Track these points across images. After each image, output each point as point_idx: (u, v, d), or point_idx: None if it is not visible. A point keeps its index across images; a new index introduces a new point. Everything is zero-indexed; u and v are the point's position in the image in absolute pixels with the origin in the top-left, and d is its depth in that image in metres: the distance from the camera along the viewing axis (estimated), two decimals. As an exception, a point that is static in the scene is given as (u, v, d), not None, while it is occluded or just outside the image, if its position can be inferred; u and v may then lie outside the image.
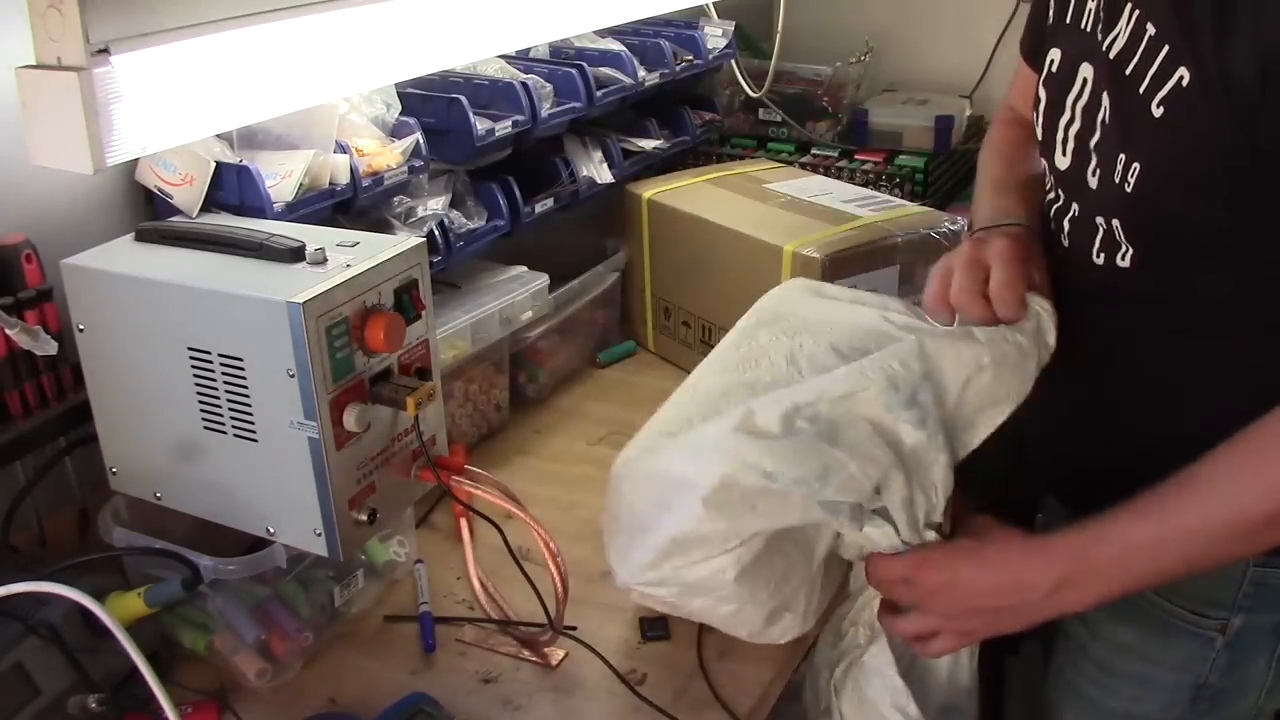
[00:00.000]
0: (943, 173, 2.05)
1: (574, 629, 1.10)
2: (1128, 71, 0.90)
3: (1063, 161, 1.01)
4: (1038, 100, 1.06)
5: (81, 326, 1.03)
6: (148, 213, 1.19)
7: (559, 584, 1.03)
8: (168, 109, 0.90)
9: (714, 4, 1.96)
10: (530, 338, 1.51)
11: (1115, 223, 0.95)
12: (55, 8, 0.80)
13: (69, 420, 1.10)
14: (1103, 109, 0.94)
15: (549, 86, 1.52)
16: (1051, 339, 0.98)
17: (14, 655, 0.91)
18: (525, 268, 1.52)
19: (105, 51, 0.82)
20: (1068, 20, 1.01)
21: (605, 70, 1.65)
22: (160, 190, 1.15)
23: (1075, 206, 1.01)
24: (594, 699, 1.04)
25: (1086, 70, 0.97)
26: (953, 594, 0.95)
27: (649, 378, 1.65)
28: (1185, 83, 0.84)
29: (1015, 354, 0.96)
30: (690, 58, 1.81)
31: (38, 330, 1.03)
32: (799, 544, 0.97)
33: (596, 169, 1.65)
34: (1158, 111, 0.87)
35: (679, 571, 0.94)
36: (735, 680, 1.05)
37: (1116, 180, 0.92)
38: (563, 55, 1.68)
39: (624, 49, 1.69)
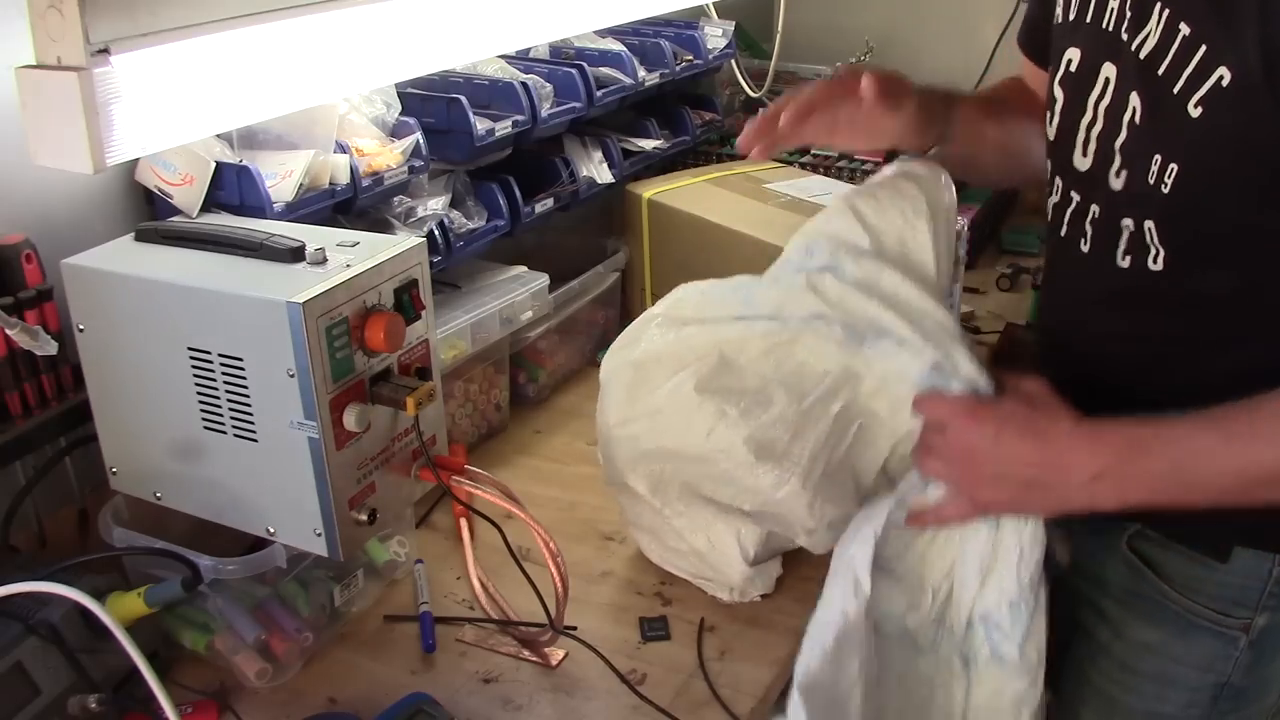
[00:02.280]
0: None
1: (574, 629, 1.10)
2: (1160, 72, 0.89)
3: (1083, 162, 1.00)
4: (1053, 100, 1.05)
5: (81, 326, 1.03)
6: (148, 213, 1.19)
7: (559, 584, 1.03)
8: (168, 109, 0.90)
9: (714, 4, 1.96)
10: (530, 338, 1.51)
11: (1148, 225, 0.94)
12: (55, 8, 0.80)
13: (69, 420, 1.09)
14: (1130, 109, 0.93)
15: (549, 86, 1.52)
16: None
17: (14, 655, 0.91)
18: (525, 268, 1.52)
19: (105, 51, 0.82)
20: (1087, 19, 1.00)
21: (605, 70, 1.65)
22: (160, 190, 1.15)
23: (1095, 208, 1.00)
24: (594, 699, 1.04)
25: (1109, 70, 0.96)
26: (988, 456, 0.94)
27: (649, 378, 1.65)
28: (1225, 82, 0.84)
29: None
30: (690, 58, 1.81)
31: (38, 330, 1.03)
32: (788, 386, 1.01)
33: (596, 169, 1.65)
34: (1195, 111, 0.86)
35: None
36: (735, 680, 1.05)
37: (1151, 181, 0.91)
38: (563, 55, 1.68)
39: (624, 49, 1.69)
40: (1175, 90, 0.88)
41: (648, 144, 1.75)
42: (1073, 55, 1.02)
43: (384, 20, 1.09)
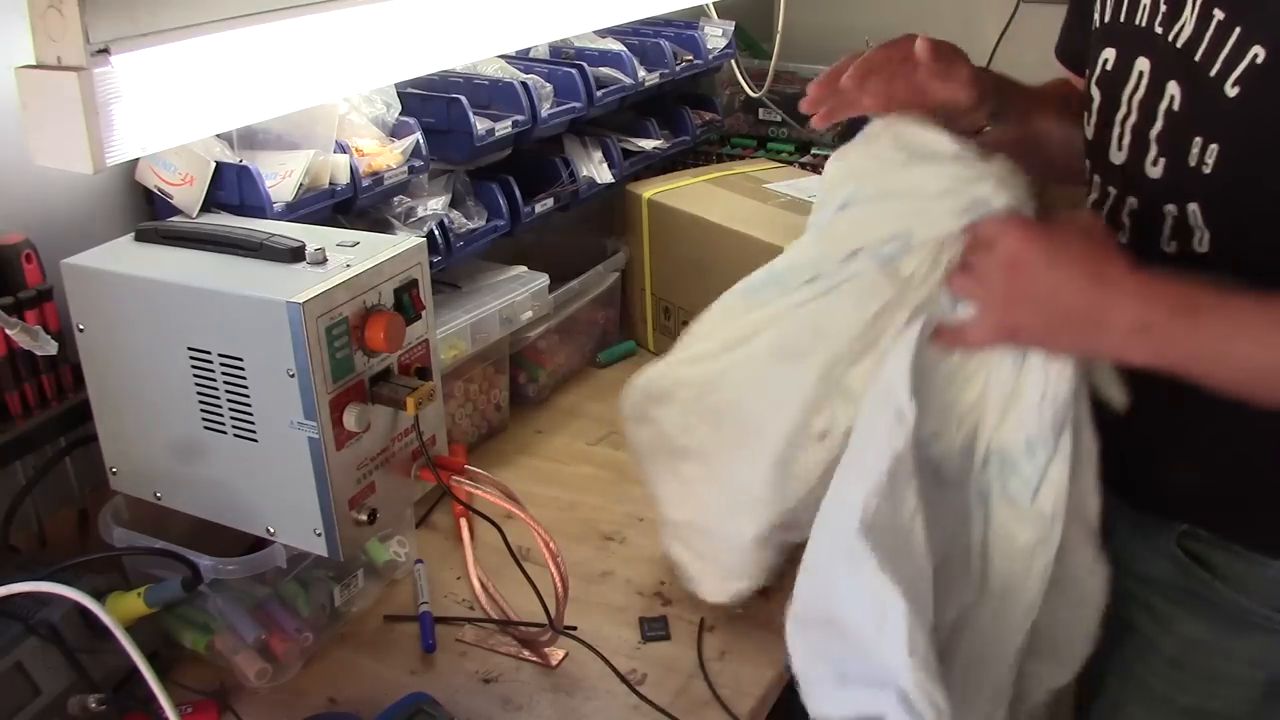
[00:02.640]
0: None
1: (574, 629, 1.10)
2: (1197, 58, 0.93)
3: (1118, 156, 1.03)
4: (1090, 100, 1.08)
5: (81, 326, 1.03)
6: (148, 213, 1.19)
7: (559, 584, 1.03)
8: (168, 109, 0.90)
9: (714, 4, 1.96)
10: (530, 338, 1.51)
11: (1192, 208, 0.95)
12: (55, 8, 0.80)
13: (69, 420, 1.09)
14: (1166, 98, 0.96)
15: (549, 86, 1.52)
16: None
17: (14, 655, 0.91)
18: (525, 268, 1.52)
19: (105, 51, 0.82)
20: (1121, 19, 1.03)
21: (605, 70, 1.65)
22: (160, 190, 1.15)
23: (1133, 200, 1.02)
24: (594, 699, 1.04)
25: (1143, 64, 0.99)
26: (1036, 276, 0.90)
27: (649, 378, 1.65)
28: (1260, 60, 0.88)
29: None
30: (690, 58, 1.81)
31: (38, 330, 1.03)
32: None
33: (596, 169, 1.65)
34: (1233, 91, 0.90)
35: None
36: (735, 680, 1.05)
37: (1192, 164, 0.94)
38: (563, 55, 1.68)
39: (624, 49, 1.68)
40: (1212, 73, 0.91)
41: (648, 144, 1.75)
42: (1108, 55, 1.05)
43: (384, 20, 1.09)
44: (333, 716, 1.01)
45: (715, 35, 1.87)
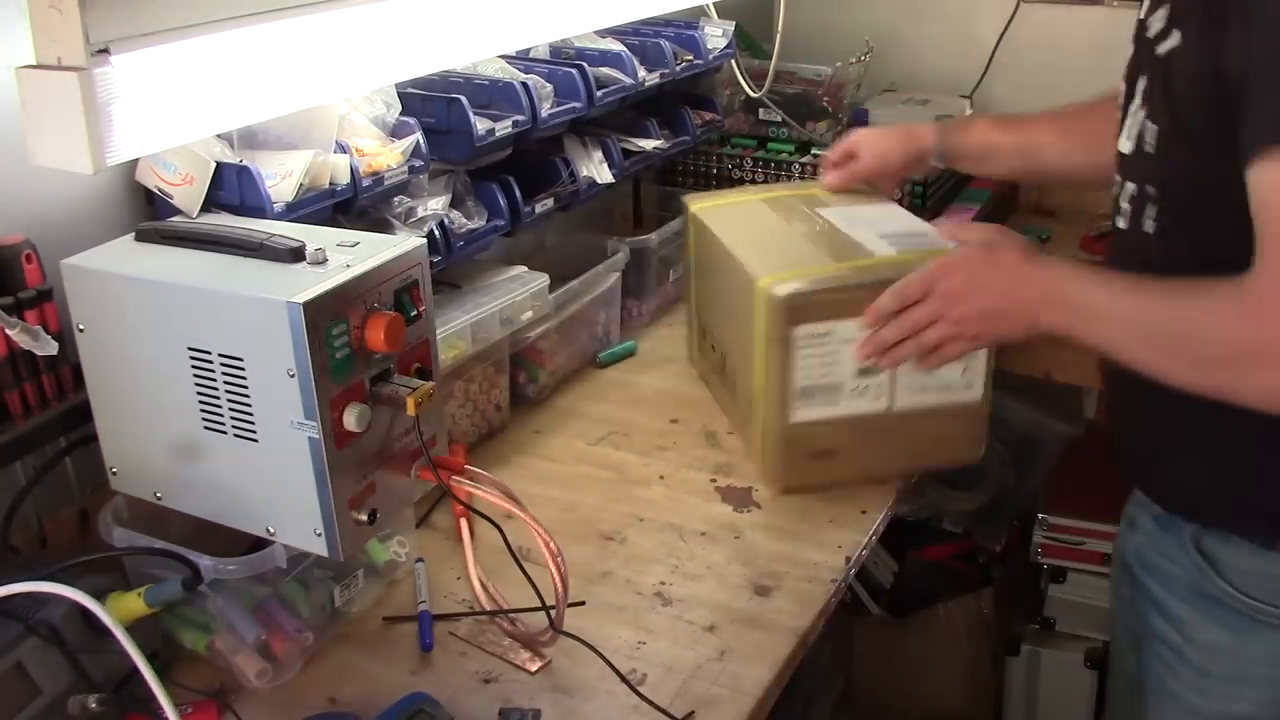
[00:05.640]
0: (942, 173, 2.05)
1: (574, 636, 1.10)
2: (1159, 50, 1.02)
3: (1125, 145, 1.11)
4: (1120, 95, 1.14)
5: (81, 326, 1.03)
6: (148, 213, 1.19)
7: (559, 584, 1.03)
8: (168, 109, 0.90)
9: (714, 4, 1.96)
10: (530, 338, 1.51)
11: (1149, 189, 1.07)
12: (55, 8, 0.80)
13: (69, 420, 1.09)
14: (1143, 84, 1.07)
15: (549, 86, 1.52)
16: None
17: (14, 655, 0.91)
18: (525, 268, 1.52)
19: (105, 51, 0.82)
20: (1140, 16, 1.10)
21: (605, 70, 1.65)
22: (160, 190, 1.15)
23: (1131, 186, 1.10)
24: (594, 699, 1.04)
25: (1131, 50, 1.10)
26: (970, 295, 1.14)
27: (649, 378, 1.65)
28: (1177, 41, 0.99)
29: None
30: (690, 58, 1.80)
31: (38, 330, 1.03)
32: None
33: (596, 169, 1.65)
34: (1162, 69, 1.01)
35: None
36: (735, 680, 1.05)
37: (1147, 149, 1.04)
38: (563, 55, 1.68)
39: (624, 49, 1.68)
40: (1159, 53, 1.02)
41: (648, 144, 1.75)
42: (1129, 50, 1.12)
43: (384, 20, 1.09)
44: (333, 716, 1.01)
45: (715, 35, 1.87)
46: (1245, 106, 0.92)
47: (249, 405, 0.97)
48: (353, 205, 1.25)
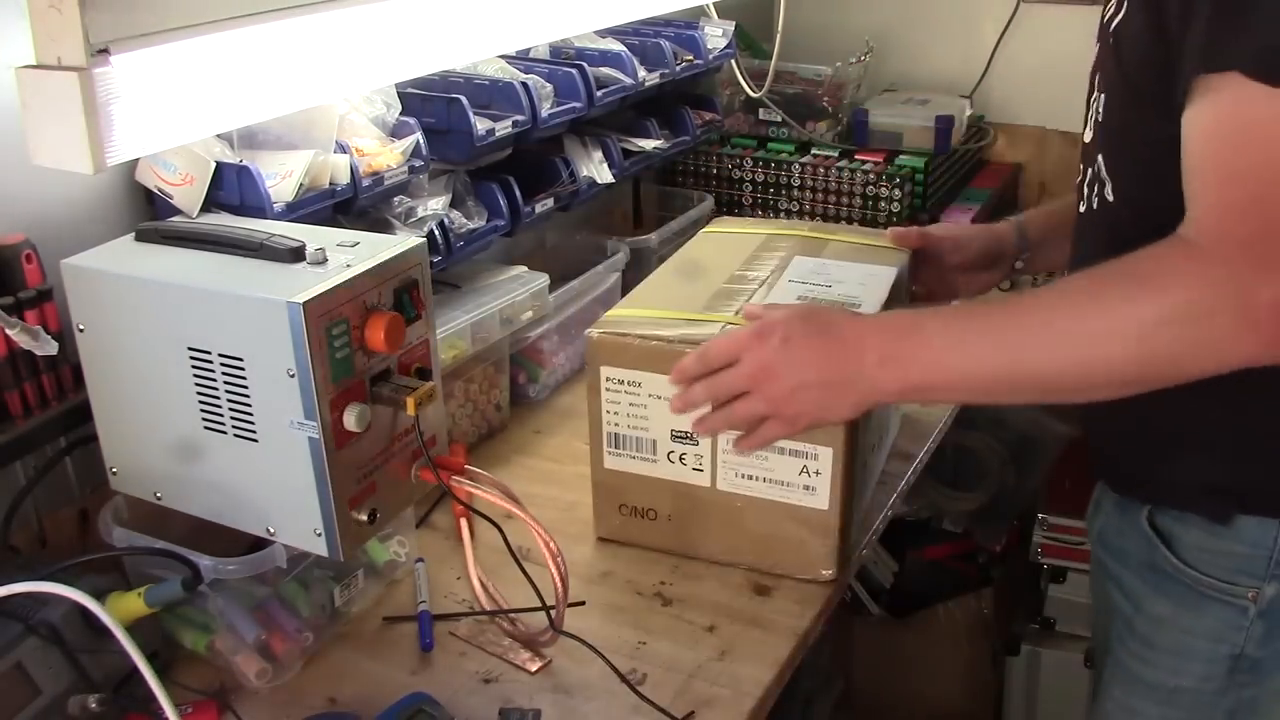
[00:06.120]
0: (943, 173, 2.05)
1: (574, 636, 1.10)
2: (1110, 27, 0.99)
3: (1087, 135, 1.08)
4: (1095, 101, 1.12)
5: (81, 326, 1.03)
6: (148, 213, 1.19)
7: (559, 584, 1.03)
8: (168, 109, 0.90)
9: (714, 4, 1.96)
10: (530, 338, 1.51)
11: (1099, 159, 1.03)
12: (55, 8, 0.80)
13: (69, 420, 1.09)
14: (1097, 74, 1.03)
15: (549, 86, 1.52)
16: None
17: (14, 655, 0.91)
18: (525, 268, 1.52)
19: (105, 51, 0.82)
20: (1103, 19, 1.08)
21: (605, 70, 1.65)
22: (160, 190, 1.15)
23: (1089, 170, 1.07)
24: (594, 699, 1.04)
25: (1094, 45, 1.05)
26: (783, 367, 0.99)
27: (649, 378, 1.64)
28: (1124, 11, 0.96)
29: None
30: (690, 58, 1.81)
31: (38, 330, 1.03)
32: None
33: (596, 169, 1.65)
34: (1111, 41, 0.98)
35: None
36: (735, 680, 1.05)
37: (1100, 118, 1.01)
38: (563, 55, 1.68)
39: (624, 49, 1.68)
40: (1111, 28, 0.98)
41: (648, 144, 1.75)
42: (1094, 48, 1.09)
43: (384, 20, 1.09)
44: (333, 716, 1.01)
45: (715, 35, 1.87)
46: (1181, 53, 0.87)
47: (249, 405, 0.97)
48: (353, 205, 1.25)
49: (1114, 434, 1.12)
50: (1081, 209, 1.10)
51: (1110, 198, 1.03)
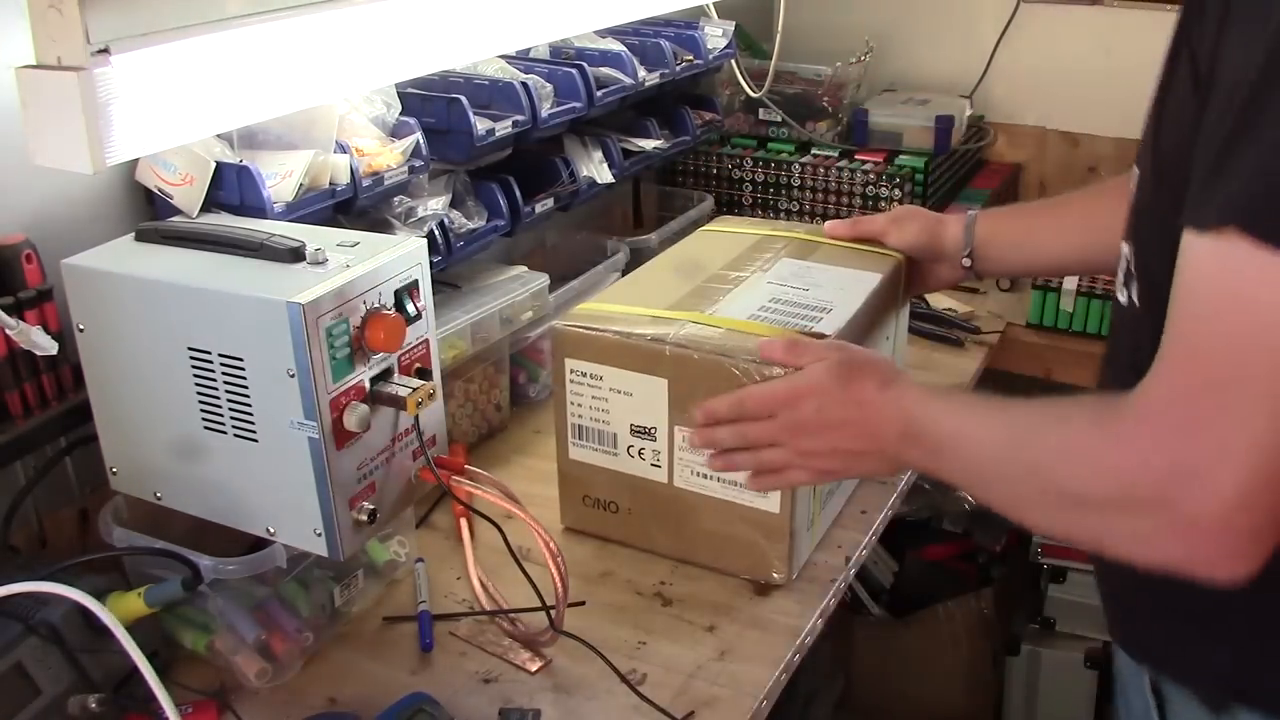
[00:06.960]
0: (943, 173, 2.05)
1: (574, 636, 1.10)
2: (1155, 96, 0.87)
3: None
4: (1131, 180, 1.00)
5: (81, 326, 1.03)
6: (148, 213, 1.19)
7: (559, 584, 1.03)
8: (168, 109, 0.90)
9: (714, 4, 1.96)
10: (530, 338, 1.51)
11: (1127, 248, 0.91)
12: (55, 8, 0.80)
13: (69, 420, 1.09)
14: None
15: (549, 86, 1.52)
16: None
17: (14, 655, 0.91)
18: (525, 268, 1.52)
19: (105, 51, 0.82)
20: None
21: (605, 70, 1.65)
22: (160, 190, 1.15)
23: (1126, 248, 0.94)
24: (594, 699, 1.04)
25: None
26: (817, 431, 1.01)
27: (649, 378, 1.64)
28: (1176, 77, 0.81)
29: None
30: (690, 58, 1.80)
31: (38, 330, 1.03)
32: None
33: (596, 169, 1.65)
34: (1157, 112, 0.85)
35: None
36: (735, 680, 1.05)
37: (1133, 199, 0.90)
38: (563, 55, 1.68)
39: (624, 49, 1.68)
40: (1154, 103, 0.86)
41: (648, 144, 1.75)
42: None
43: (384, 20, 1.09)
44: (333, 716, 1.01)
45: (715, 35, 1.87)
46: (1203, 163, 0.73)
47: (249, 405, 0.97)
48: (353, 205, 1.25)
49: (1120, 589, 1.02)
50: (1120, 299, 0.95)
51: (1136, 301, 0.89)
